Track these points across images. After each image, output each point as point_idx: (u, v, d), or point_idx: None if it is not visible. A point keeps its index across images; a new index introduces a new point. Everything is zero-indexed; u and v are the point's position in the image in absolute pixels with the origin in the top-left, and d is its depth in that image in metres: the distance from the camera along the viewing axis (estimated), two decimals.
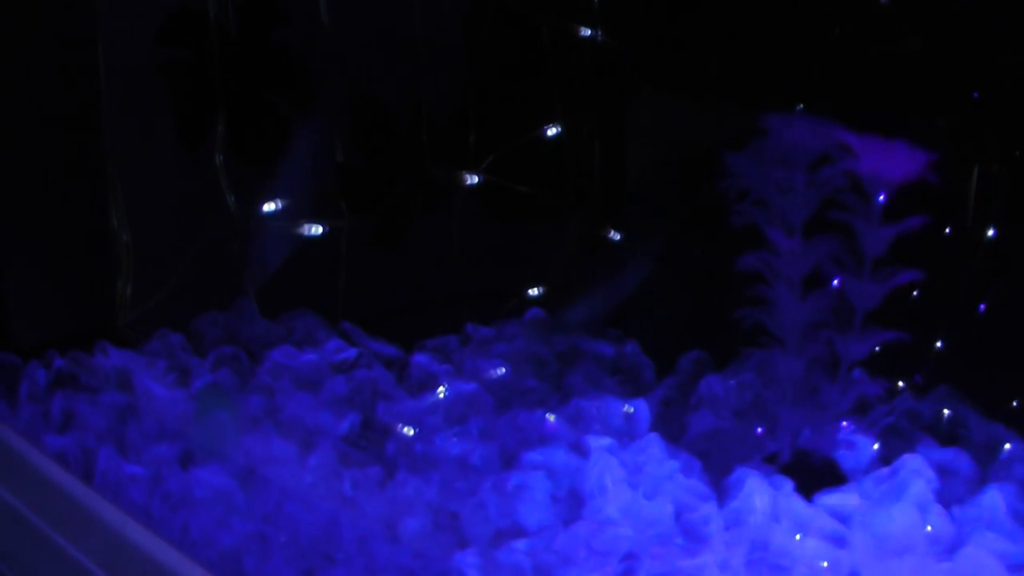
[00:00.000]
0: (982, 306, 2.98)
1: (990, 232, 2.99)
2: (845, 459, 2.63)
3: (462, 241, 3.61)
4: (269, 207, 3.33)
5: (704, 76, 3.46)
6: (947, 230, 3.02)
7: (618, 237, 3.62)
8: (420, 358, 2.89)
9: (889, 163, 2.51)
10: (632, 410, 2.78)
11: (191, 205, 3.32)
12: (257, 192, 3.33)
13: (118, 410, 2.64)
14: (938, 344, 3.00)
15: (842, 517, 2.41)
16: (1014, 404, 2.90)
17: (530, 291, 3.60)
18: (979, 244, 3.00)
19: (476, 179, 3.57)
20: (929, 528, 2.39)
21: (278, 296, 3.24)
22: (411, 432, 2.69)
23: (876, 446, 2.66)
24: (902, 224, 2.51)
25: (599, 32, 3.59)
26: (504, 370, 2.97)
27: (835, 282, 2.57)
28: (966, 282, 3.04)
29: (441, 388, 2.84)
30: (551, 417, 2.70)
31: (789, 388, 2.60)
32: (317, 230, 3.36)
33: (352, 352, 2.89)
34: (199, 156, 3.31)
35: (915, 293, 2.70)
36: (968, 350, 3.00)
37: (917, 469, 2.51)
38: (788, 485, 2.45)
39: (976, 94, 2.97)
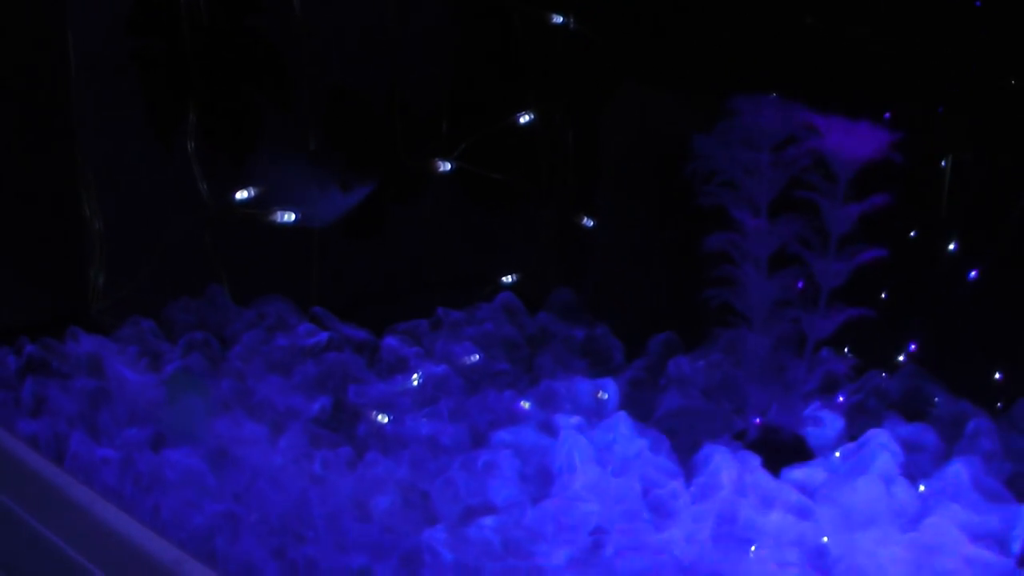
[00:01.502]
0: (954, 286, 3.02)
1: (960, 214, 3.03)
2: (812, 435, 2.66)
3: (435, 228, 3.62)
4: (242, 195, 3.33)
5: (676, 62, 3.48)
6: (917, 210, 3.06)
7: (591, 223, 3.64)
8: (391, 341, 2.90)
9: (852, 142, 2.53)
10: (606, 396, 2.81)
11: (163, 193, 3.32)
12: (229, 180, 3.33)
13: (90, 395, 2.64)
14: (907, 322, 3.03)
15: (808, 491, 2.43)
16: (980, 380, 2.94)
17: (504, 277, 3.61)
18: (950, 225, 3.04)
19: (449, 166, 3.58)
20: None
21: (250, 282, 3.24)
22: (385, 419, 2.71)
23: (842, 422, 2.69)
24: (866, 203, 2.54)
25: (571, 19, 3.60)
26: (478, 356, 2.99)
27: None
28: (936, 262, 3.07)
29: (416, 375, 2.86)
30: (526, 405, 2.72)
31: (756, 366, 2.63)
32: (290, 217, 3.36)
33: (323, 336, 2.90)
34: (171, 144, 3.31)
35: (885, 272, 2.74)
36: (936, 329, 3.04)
37: (883, 443, 2.54)
38: (755, 461, 2.47)
39: (949, 81, 3.01)
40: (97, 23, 3.24)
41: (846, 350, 2.85)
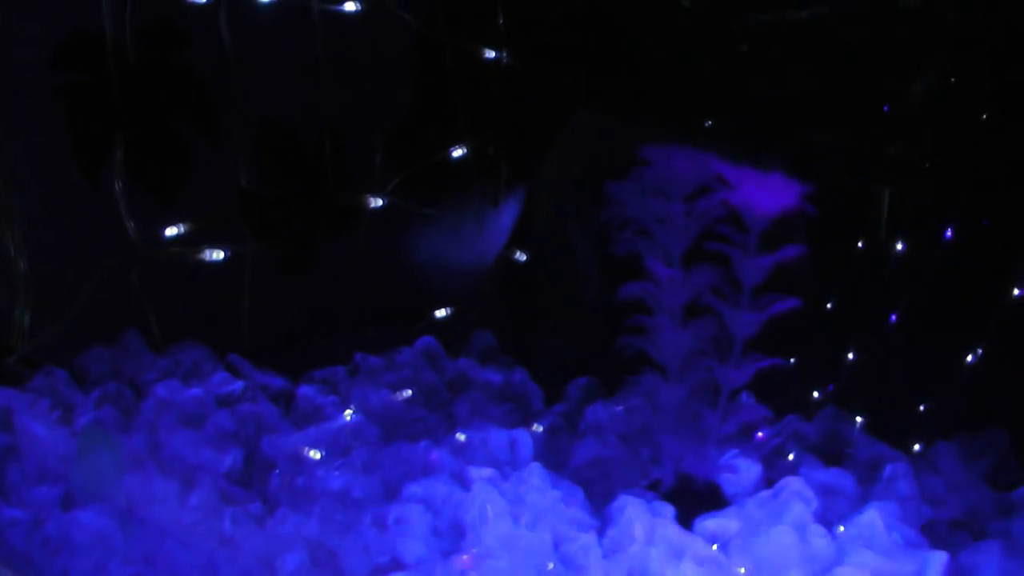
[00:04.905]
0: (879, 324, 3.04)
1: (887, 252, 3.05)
2: (728, 483, 2.67)
3: (367, 265, 3.61)
4: (171, 232, 3.29)
5: (611, 97, 3.49)
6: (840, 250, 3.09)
7: (524, 258, 3.64)
8: (306, 390, 2.88)
9: (764, 194, 2.55)
10: (541, 428, 2.80)
11: (87, 233, 3.27)
12: (157, 217, 3.29)
13: None
14: (825, 365, 3.06)
15: (721, 541, 2.44)
16: (899, 422, 2.97)
17: (436, 313, 3.60)
18: (874, 265, 3.06)
19: (381, 202, 3.56)
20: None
21: (171, 325, 3.20)
22: (318, 456, 2.69)
23: (759, 469, 2.70)
24: (778, 253, 2.55)
25: (504, 54, 3.60)
26: (411, 392, 2.97)
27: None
28: (858, 304, 3.09)
29: (348, 411, 2.85)
30: (461, 437, 2.72)
31: (671, 415, 2.64)
32: (219, 255, 3.33)
33: (238, 385, 2.87)
34: (98, 181, 3.26)
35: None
36: (857, 370, 3.06)
37: (798, 491, 2.55)
38: (668, 511, 2.48)
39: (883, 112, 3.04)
40: (21, 56, 3.19)
41: (780, 373, 2.86)
